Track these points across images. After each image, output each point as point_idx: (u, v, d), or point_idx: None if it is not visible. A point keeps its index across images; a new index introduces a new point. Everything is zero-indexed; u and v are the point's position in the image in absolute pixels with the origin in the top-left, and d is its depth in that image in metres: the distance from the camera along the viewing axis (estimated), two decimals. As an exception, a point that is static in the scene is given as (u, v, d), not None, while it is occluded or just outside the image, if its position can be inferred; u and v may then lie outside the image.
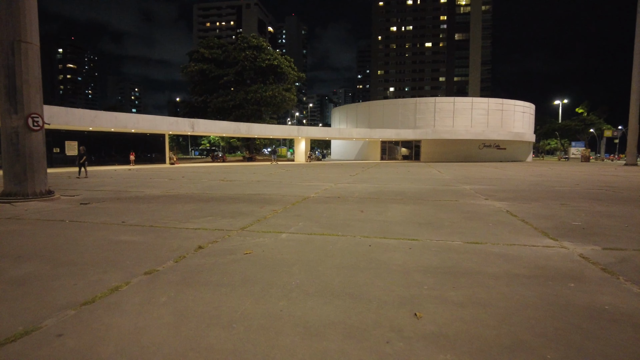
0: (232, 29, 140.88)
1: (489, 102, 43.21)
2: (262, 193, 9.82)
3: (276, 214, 6.54)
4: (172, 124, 26.74)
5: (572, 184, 13.18)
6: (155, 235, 4.92)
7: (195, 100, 47.12)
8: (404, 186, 12.01)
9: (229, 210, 7.00)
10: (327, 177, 16.34)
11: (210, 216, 6.33)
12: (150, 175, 16.78)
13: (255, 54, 41.40)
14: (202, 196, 9.14)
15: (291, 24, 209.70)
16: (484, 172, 20.48)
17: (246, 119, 42.48)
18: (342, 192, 10.00)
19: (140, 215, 6.44)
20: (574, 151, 53.98)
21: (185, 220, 5.92)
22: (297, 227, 5.42)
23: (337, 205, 7.62)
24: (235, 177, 16.15)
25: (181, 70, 43.23)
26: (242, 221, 5.88)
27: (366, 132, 39.44)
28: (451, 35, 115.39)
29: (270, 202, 8.13)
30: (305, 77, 47.93)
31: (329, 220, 6.04)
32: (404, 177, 16.13)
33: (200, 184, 12.70)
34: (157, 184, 12.63)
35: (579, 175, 18.49)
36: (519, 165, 32.34)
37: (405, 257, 3.94)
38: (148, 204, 7.71)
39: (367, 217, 6.30)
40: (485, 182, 13.75)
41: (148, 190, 10.39)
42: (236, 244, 4.45)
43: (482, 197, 9.19)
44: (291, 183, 13.09)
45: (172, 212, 6.78)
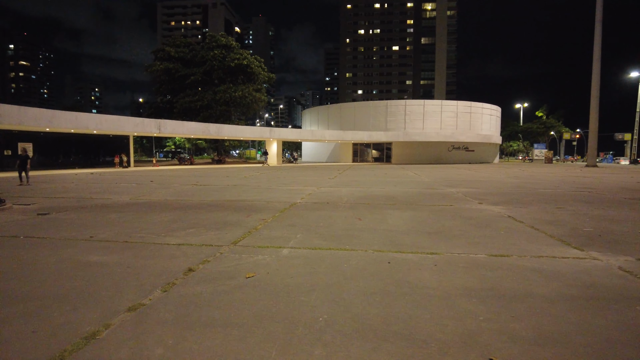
0: (198, 28, 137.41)
1: (458, 104, 43.99)
2: (243, 199, 9.09)
3: (267, 224, 5.87)
4: (138, 125, 25.24)
5: (553, 186, 13.23)
6: (133, 253, 4.14)
7: (161, 101, 45.17)
8: (389, 190, 11.59)
9: (212, 220, 6.26)
10: (306, 180, 15.73)
11: (193, 228, 5.58)
12: (115, 180, 15.56)
13: (224, 53, 40.14)
14: (177, 203, 8.30)
15: (258, 25, 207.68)
16: (459, 174, 20.51)
17: (214, 119, 41.11)
18: (329, 197, 9.43)
19: (111, 227, 5.59)
20: (537, 153, 56.02)
21: (164, 234, 5.15)
22: (297, 240, 4.79)
23: (330, 213, 7.04)
24: (208, 181, 15.23)
25: (146, 69, 41.24)
26: (231, 234, 5.18)
27: (339, 134, 39.09)
28: (417, 39, 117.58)
29: (255, 209, 7.44)
30: (275, 78, 47.05)
31: (329, 230, 5.45)
32: (384, 180, 15.77)
33: (171, 189, 11.76)
34: (124, 189, 11.58)
35: (552, 177, 18.82)
36: (489, 167, 32.96)
37: (436, 276, 3.41)
38: (118, 214, 6.82)
39: (368, 226, 5.75)
40: (467, 185, 13.58)
41: (115, 197, 9.40)
42: (232, 263, 3.77)
43: (475, 201, 8.88)
44: (270, 187, 12.39)
45: (148, 223, 5.96)
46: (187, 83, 40.78)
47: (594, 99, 35.98)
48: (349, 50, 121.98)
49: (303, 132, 38.83)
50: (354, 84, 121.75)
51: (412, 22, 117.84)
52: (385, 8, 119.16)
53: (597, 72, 35.66)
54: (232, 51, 40.89)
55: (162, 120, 26.70)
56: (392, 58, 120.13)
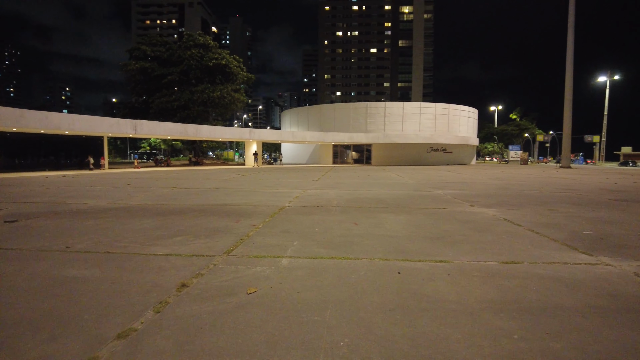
0: (174, 27, 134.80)
1: (436, 107, 44.50)
2: (228, 203, 8.69)
3: (259, 230, 5.53)
4: (113, 125, 24.26)
5: (536, 188, 13.35)
6: (116, 266, 3.74)
7: (136, 101, 43.84)
8: (377, 192, 11.40)
9: (199, 226, 5.87)
10: (290, 182, 15.39)
11: (179, 235, 5.19)
12: (90, 183, 14.81)
13: (202, 52, 39.27)
14: (159, 208, 7.84)
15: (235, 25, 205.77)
16: (442, 176, 20.60)
17: (192, 120, 40.21)
18: (318, 200, 9.14)
19: (89, 236, 5.13)
20: (512, 154, 57.34)
21: (149, 243, 4.75)
22: (295, 249, 4.48)
23: (323, 217, 6.75)
24: (188, 183, 14.69)
25: (120, 69, 39.89)
26: (222, 242, 4.82)
27: (320, 135, 38.85)
28: (395, 42, 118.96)
29: (244, 214, 7.07)
30: (254, 78, 46.43)
31: (326, 236, 5.16)
32: (369, 182, 15.60)
33: (150, 192, 11.21)
34: (100, 193, 10.96)
35: (532, 178, 19.12)
36: (468, 168, 33.40)
37: (453, 288, 3.18)
38: (96, 220, 6.33)
39: (366, 232, 5.50)
40: (453, 187, 13.55)
41: (91, 202, 8.83)
42: (229, 277, 3.43)
43: (467, 203, 8.77)
44: (254, 190, 12.00)
45: (129, 230, 5.52)
46: (164, 83, 39.72)
47: (567, 102, 37.04)
48: (328, 52, 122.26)
49: (284, 134, 38.42)
50: (332, 85, 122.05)
51: (389, 24, 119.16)
52: (364, 10, 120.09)
53: (570, 76, 36.73)
54: (210, 50, 40.09)
55: (139, 121, 25.77)
56: (370, 60, 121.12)
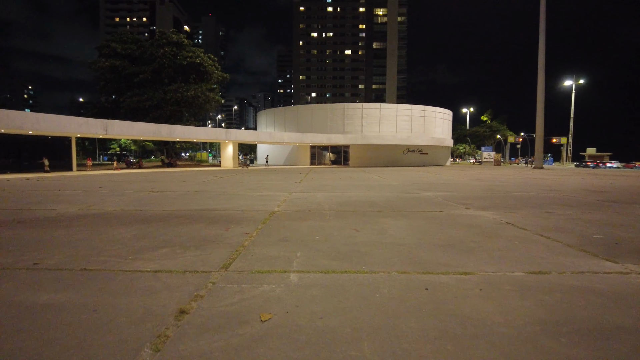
0: (145, 25, 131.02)
1: (412, 108, 44.87)
2: (213, 208, 8.11)
3: (254, 239, 5.04)
4: (82, 125, 22.94)
5: (521, 189, 13.37)
6: (97, 288, 3.18)
7: (106, 100, 42.02)
8: (366, 194, 11.06)
9: (186, 235, 5.31)
10: (273, 184, 14.85)
11: (166, 247, 4.63)
12: (58, 186, 13.79)
13: (176, 50, 37.98)
14: (137, 214, 7.18)
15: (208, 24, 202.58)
16: (423, 177, 20.54)
17: (164, 120, 38.84)
18: (308, 204, 8.69)
19: (61, 249, 4.49)
20: (485, 155, 58.58)
21: (132, 256, 4.17)
22: (301, 261, 4.02)
23: (319, 223, 6.31)
24: (165, 186, 13.92)
25: (89, 66, 38.06)
26: (215, 254, 4.30)
27: (298, 136, 38.33)
28: (369, 44, 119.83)
29: (232, 220, 6.54)
30: (229, 77, 45.41)
31: (329, 245, 4.73)
32: (353, 184, 15.27)
33: (125, 196, 10.45)
34: (70, 197, 10.11)
35: (512, 179, 19.32)
36: (445, 169, 33.72)
37: (492, 306, 2.81)
38: (67, 229, 5.65)
39: (370, 239, 5.10)
40: (439, 188, 13.39)
41: (60, 208, 8.05)
42: (234, 299, 2.95)
43: (461, 206, 8.53)
44: (237, 193, 11.42)
45: (108, 241, 4.91)
46: (135, 82, 38.21)
47: (539, 104, 38.06)
48: (303, 53, 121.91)
49: (261, 134, 37.67)
50: (307, 86, 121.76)
51: (364, 26, 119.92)
52: (338, 12, 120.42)
53: (542, 79, 37.76)
54: (184, 49, 38.87)
55: (110, 121, 24.51)
56: (345, 62, 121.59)
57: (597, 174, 27.53)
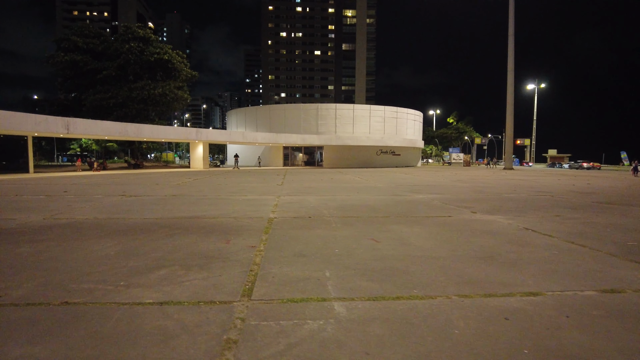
0: (107, 21, 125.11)
1: (385, 110, 44.97)
2: (199, 215, 7.30)
3: (265, 255, 4.35)
4: (40, 124, 21.08)
5: (509, 191, 13.29)
6: (90, 333, 2.40)
7: (65, 98, 39.44)
8: (358, 198, 10.52)
9: (181, 250, 4.54)
10: (254, 187, 14.04)
11: (163, 267, 3.85)
12: (14, 190, 12.38)
13: (142, 46, 36.08)
14: (115, 224, 6.28)
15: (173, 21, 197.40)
16: (403, 179, 20.32)
17: (130, 119, 36.84)
18: (305, 210, 8.04)
19: (30, 272, 3.61)
20: (454, 156, 59.76)
21: (125, 282, 3.38)
22: (335, 284, 3.38)
23: (328, 232, 5.69)
24: (137, 190, 12.82)
25: (46, 61, 35.47)
26: (227, 275, 3.59)
27: (272, 136, 37.39)
28: (339, 45, 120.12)
29: (228, 230, 5.79)
30: (198, 75, 43.82)
31: (356, 261, 4.11)
32: (338, 186, 14.72)
33: (95, 202, 9.38)
34: (30, 203, 8.94)
35: (492, 180, 19.42)
36: (420, 170, 33.87)
37: (598, 340, 2.31)
38: (33, 245, 4.73)
39: (398, 252, 4.53)
40: (427, 190, 13.08)
41: (21, 216, 6.98)
42: (280, 347, 2.27)
43: (465, 209, 8.15)
44: (220, 197, 10.58)
45: (88, 260, 4.06)
46: (98, 78, 36.02)
47: (509, 106, 39.06)
48: (271, 52, 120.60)
49: (233, 134, 36.46)
50: (276, 86, 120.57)
51: (333, 27, 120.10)
52: (307, 12, 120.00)
53: (512, 82, 38.78)
54: (151, 45, 37.09)
55: (72, 119, 22.72)
56: (314, 62, 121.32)
57: (566, 174, 28.41)
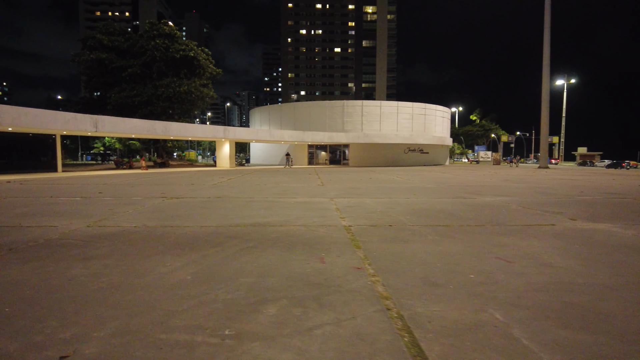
0: (128, 20, 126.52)
1: (413, 106, 43.58)
2: (261, 222, 6.38)
3: (385, 284, 3.36)
4: (69, 122, 20.67)
5: (576, 192, 12.01)
6: None
7: (91, 96, 39.44)
8: (421, 201, 9.45)
9: (274, 273, 3.59)
10: (296, 188, 13.11)
11: (267, 301, 2.90)
12: (47, 191, 11.76)
13: (168, 43, 35.68)
14: (171, 234, 5.40)
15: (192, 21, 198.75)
16: (445, 178, 19.09)
17: (155, 117, 36.49)
18: (375, 216, 7.03)
19: (96, 309, 2.70)
20: (482, 155, 57.84)
21: (230, 329, 2.44)
22: (526, 333, 2.37)
23: (432, 247, 4.67)
24: (176, 191, 12.04)
25: (72, 59, 35.44)
26: (362, 318, 2.61)
27: (298, 134, 36.48)
28: (359, 42, 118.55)
29: (309, 243, 4.83)
30: (222, 73, 43.24)
31: (510, 293, 3.09)
32: (386, 187, 13.67)
33: (137, 205, 8.58)
34: (68, 207, 8.19)
35: (538, 180, 18.05)
36: (453, 169, 32.47)
37: None
38: (86, 263, 3.85)
39: (549, 277, 3.48)
40: (490, 192, 11.91)
41: (63, 223, 6.18)
42: None
43: (559, 216, 7.02)
44: (267, 199, 9.68)
45: (161, 290, 3.14)
46: (123, 76, 35.79)
47: (544, 102, 37.21)
48: (291, 50, 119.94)
49: (260, 132, 35.70)
50: (296, 84, 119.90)
51: (353, 24, 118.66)
52: (327, 9, 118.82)
53: (547, 77, 36.92)
54: (177, 41, 36.64)
55: (100, 117, 22.27)
56: (334, 60, 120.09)
57: (611, 174, 26.70)
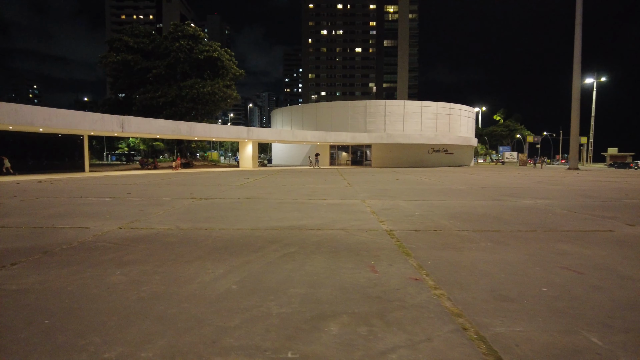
0: (152, 23, 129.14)
1: (437, 106, 42.72)
2: (297, 224, 6.09)
3: (451, 297, 3.00)
4: (97, 122, 20.98)
5: (620, 195, 11.29)
6: None
7: (116, 98, 40.22)
8: (458, 204, 8.99)
9: (325, 282, 3.28)
10: (325, 189, 12.81)
11: (327, 317, 2.59)
12: (76, 191, 11.82)
13: (191, 44, 36.01)
14: (207, 237, 5.17)
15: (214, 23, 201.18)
16: (475, 179, 18.45)
17: (179, 118, 36.92)
18: (416, 220, 6.66)
19: (140, 324, 2.44)
20: (507, 155, 56.35)
21: (294, 351, 2.14)
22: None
23: (487, 255, 4.27)
24: (204, 191, 11.91)
25: (99, 61, 36.18)
26: (440, 340, 2.28)
27: (321, 135, 36.23)
28: (380, 42, 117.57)
29: (354, 249, 4.50)
30: (244, 74, 43.37)
31: (597, 311, 2.68)
32: (415, 188, 13.22)
33: (167, 206, 8.43)
34: (98, 207, 8.11)
35: (578, 182, 17.21)
36: (481, 170, 31.58)
37: None
38: (123, 269, 3.63)
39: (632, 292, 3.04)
40: (524, 194, 11.31)
41: (94, 224, 6.05)
42: None
43: (612, 220, 6.48)
44: (298, 201, 9.40)
45: (208, 302, 2.87)
46: (148, 77, 36.29)
47: (574, 101, 35.85)
48: (312, 51, 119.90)
49: (283, 133, 35.61)
50: (317, 85, 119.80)
51: (374, 24, 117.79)
52: (348, 9, 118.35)
53: (578, 75, 35.59)
54: (200, 42, 36.94)
55: (126, 117, 22.56)
56: (355, 60, 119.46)
57: None
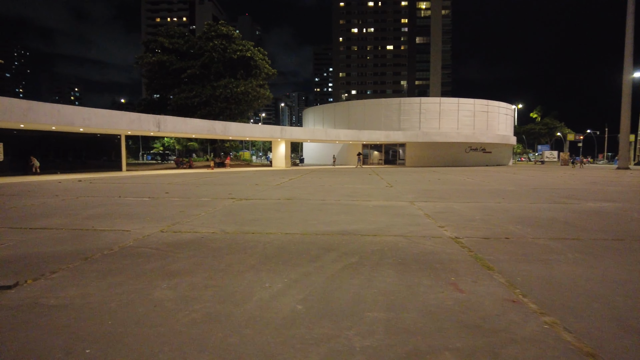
0: (185, 25, 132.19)
1: (475, 103, 41.15)
2: (349, 230, 5.60)
3: (568, 328, 2.41)
4: (134, 122, 21.31)
5: None
6: None
7: (152, 98, 41.10)
8: (516, 206, 8.23)
9: (404, 304, 2.77)
10: (365, 190, 12.26)
11: (421, 353, 2.08)
12: (114, 190, 11.81)
13: (225, 43, 36.21)
14: (255, 242, 4.76)
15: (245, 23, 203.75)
16: (520, 179, 17.34)
17: (213, 117, 37.23)
18: (480, 225, 6.02)
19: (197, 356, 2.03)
20: (547, 154, 53.76)
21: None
22: None
23: (582, 269, 3.64)
24: (242, 191, 11.64)
25: (135, 62, 37.04)
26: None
27: (354, 133, 35.63)
28: (412, 39, 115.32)
29: (423, 260, 3.96)
30: (277, 73, 43.29)
31: None
32: (461, 189, 12.45)
33: (207, 206, 8.15)
34: (138, 208, 7.92)
35: (632, 182, 15.83)
36: (522, 169, 30.03)
37: None
38: (171, 281, 3.25)
39: None
40: (582, 196, 10.35)
41: (135, 226, 5.78)
42: None
43: None
44: (341, 202, 8.92)
45: (272, 326, 2.42)
46: (183, 77, 36.80)
47: (625, 96, 33.58)
48: (342, 50, 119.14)
49: (316, 132, 35.25)
50: (347, 83, 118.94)
51: (406, 21, 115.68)
52: (379, 6, 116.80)
53: (630, 68, 33.28)
54: (234, 42, 37.10)
55: (162, 117, 22.80)
56: (387, 57, 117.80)
57: None
